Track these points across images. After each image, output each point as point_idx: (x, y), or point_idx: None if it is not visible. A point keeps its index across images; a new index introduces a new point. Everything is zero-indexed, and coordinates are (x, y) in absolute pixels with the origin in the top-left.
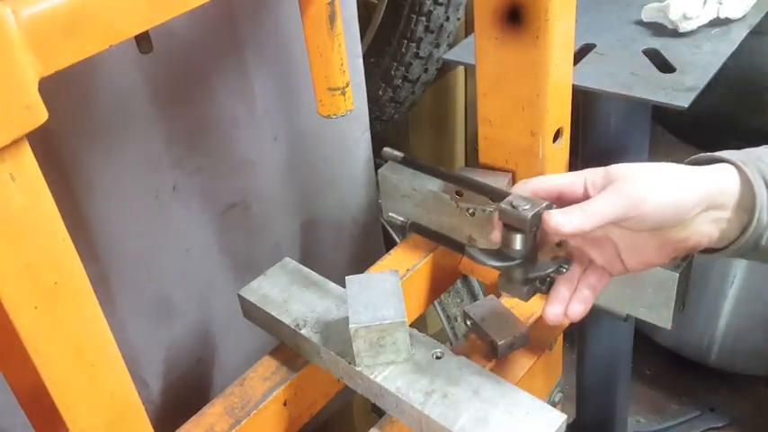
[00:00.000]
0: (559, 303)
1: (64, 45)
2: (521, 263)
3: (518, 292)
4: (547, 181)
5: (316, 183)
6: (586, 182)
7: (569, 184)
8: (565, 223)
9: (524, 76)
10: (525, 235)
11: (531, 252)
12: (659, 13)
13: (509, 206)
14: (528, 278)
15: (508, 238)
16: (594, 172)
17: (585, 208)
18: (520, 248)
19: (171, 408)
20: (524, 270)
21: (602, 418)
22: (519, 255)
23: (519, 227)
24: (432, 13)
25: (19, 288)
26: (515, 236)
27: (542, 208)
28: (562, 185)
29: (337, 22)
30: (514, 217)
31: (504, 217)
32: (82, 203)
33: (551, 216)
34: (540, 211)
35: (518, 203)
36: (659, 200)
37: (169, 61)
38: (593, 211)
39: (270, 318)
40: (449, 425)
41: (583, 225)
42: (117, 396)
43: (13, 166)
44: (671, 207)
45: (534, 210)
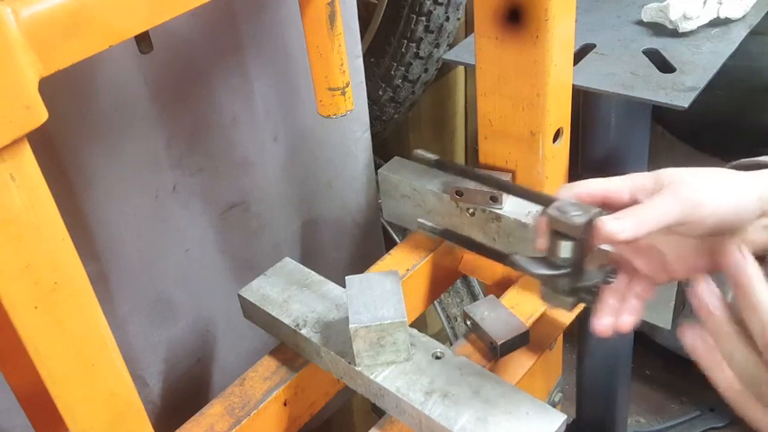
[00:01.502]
0: (609, 314)
1: (64, 45)
2: (567, 272)
3: (562, 302)
4: (591, 185)
5: (316, 183)
6: (634, 187)
7: (615, 189)
8: (619, 230)
9: (524, 76)
10: (575, 243)
11: (580, 261)
12: (659, 13)
13: (558, 212)
14: (574, 288)
15: (556, 245)
16: (642, 176)
17: (640, 213)
18: (568, 257)
19: (171, 408)
20: (571, 280)
21: (602, 418)
22: (567, 263)
23: (569, 234)
24: (432, 13)
25: (19, 288)
26: (564, 243)
27: (594, 214)
28: (608, 190)
29: (337, 22)
30: (565, 223)
31: (553, 223)
32: (82, 203)
33: (605, 223)
34: (592, 218)
35: (567, 209)
36: (717, 204)
37: (169, 61)
38: (649, 217)
39: (270, 318)
40: (449, 425)
41: (638, 231)
42: (117, 396)
43: (13, 166)
44: (729, 212)
45: (586, 216)
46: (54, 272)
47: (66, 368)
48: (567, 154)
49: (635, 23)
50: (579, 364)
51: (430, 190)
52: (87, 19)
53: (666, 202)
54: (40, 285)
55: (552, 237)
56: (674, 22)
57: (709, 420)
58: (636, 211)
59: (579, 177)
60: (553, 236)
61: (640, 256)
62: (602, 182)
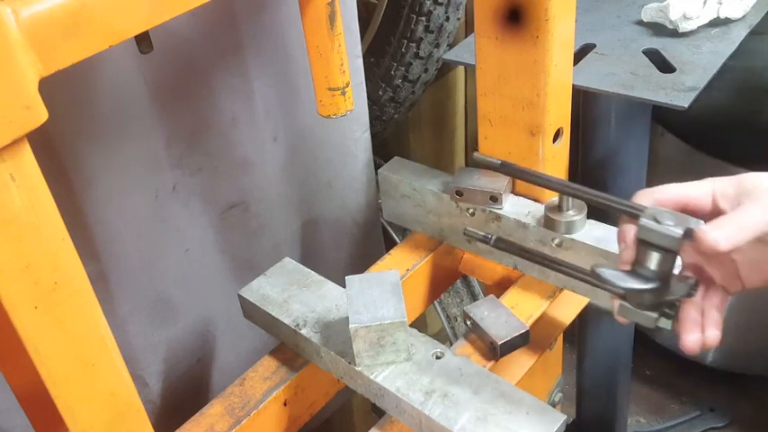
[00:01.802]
0: (696, 329)
1: (64, 45)
2: (658, 286)
3: (645, 318)
4: (672, 191)
5: (316, 183)
6: (715, 193)
7: (696, 196)
8: (722, 239)
9: (524, 76)
10: (667, 254)
11: (668, 273)
12: (659, 13)
13: (653, 221)
14: (658, 303)
15: (645, 257)
16: (723, 181)
17: (739, 221)
18: (658, 269)
19: (171, 408)
20: (658, 294)
21: (602, 418)
22: (657, 276)
23: (666, 245)
24: (432, 13)
25: (19, 288)
26: (655, 255)
27: (691, 223)
28: (689, 197)
29: (337, 22)
30: (662, 234)
31: (647, 234)
32: (82, 203)
33: (706, 233)
34: (690, 228)
35: (662, 218)
36: None
37: (169, 61)
38: (749, 224)
39: (270, 318)
40: (449, 425)
41: (739, 239)
42: (117, 396)
43: (13, 166)
44: None
45: (683, 226)
46: (54, 272)
47: (67, 368)
48: (566, 154)
49: (635, 23)
50: (579, 364)
51: (430, 190)
52: (87, 19)
53: (763, 209)
54: (40, 285)
55: (642, 248)
56: (674, 22)
57: (709, 420)
58: (734, 219)
59: (579, 177)
60: (644, 247)
61: (715, 266)
62: (683, 187)
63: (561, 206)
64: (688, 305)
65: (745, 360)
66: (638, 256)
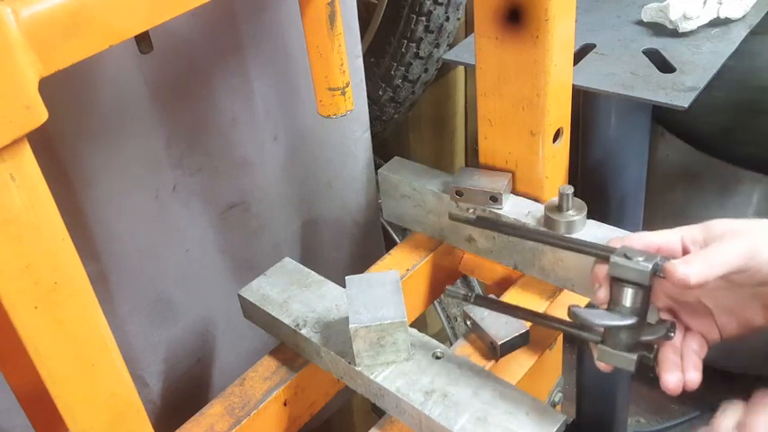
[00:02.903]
0: (676, 369)
1: (64, 45)
2: (634, 322)
3: (623, 360)
4: (642, 239)
5: (316, 183)
6: (684, 239)
7: (666, 243)
8: (691, 273)
9: (524, 76)
10: (641, 290)
11: (645, 310)
12: (659, 13)
13: (623, 258)
14: (636, 343)
15: (619, 293)
16: (692, 228)
17: (708, 257)
18: (632, 305)
19: (171, 408)
20: (634, 333)
21: (602, 418)
22: (633, 312)
23: (636, 280)
24: (432, 13)
25: (19, 288)
26: (629, 291)
27: (659, 260)
28: (659, 244)
29: (337, 22)
30: (632, 269)
31: (618, 270)
32: (82, 203)
33: (676, 267)
34: (660, 263)
35: (632, 255)
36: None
37: (169, 61)
38: (718, 260)
39: (270, 318)
40: (449, 425)
41: (707, 275)
42: (117, 396)
43: (13, 166)
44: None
45: (652, 261)
46: (54, 272)
47: (67, 368)
48: (567, 154)
49: (635, 23)
50: (579, 364)
51: (430, 190)
52: (87, 19)
53: (729, 247)
54: (40, 285)
55: (616, 285)
56: (674, 22)
57: (710, 420)
58: (702, 256)
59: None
60: (617, 284)
61: (689, 313)
62: (653, 235)
63: (561, 206)
64: (667, 347)
65: (745, 360)
66: (613, 294)
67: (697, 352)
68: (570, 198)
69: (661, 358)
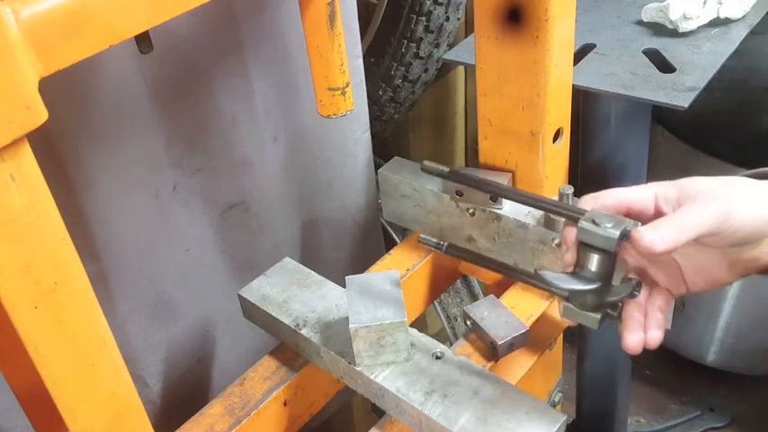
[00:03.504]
0: (639, 329)
1: (64, 45)
2: (598, 287)
3: (589, 319)
4: (615, 195)
5: (316, 183)
6: (657, 197)
7: (638, 200)
8: (657, 241)
9: (524, 76)
10: (606, 256)
11: (609, 274)
12: (659, 13)
13: (591, 224)
14: (601, 304)
15: (586, 258)
16: (664, 186)
17: (677, 223)
18: (598, 270)
19: (171, 408)
20: (599, 295)
21: (602, 419)
22: (597, 277)
23: (603, 247)
24: (432, 13)
25: (19, 288)
26: (595, 256)
27: (628, 225)
28: (632, 201)
29: (337, 22)
30: (599, 236)
31: (585, 236)
32: (82, 203)
33: (643, 234)
34: (628, 229)
35: (600, 221)
36: (749, 215)
37: (169, 61)
38: (687, 226)
39: (270, 318)
40: (449, 425)
41: (676, 241)
42: (117, 396)
43: (13, 166)
44: (758, 222)
45: (620, 227)
46: (54, 272)
47: (67, 368)
48: (566, 154)
49: (635, 23)
50: (579, 364)
51: (430, 190)
52: (87, 19)
53: (701, 211)
54: (40, 285)
55: (583, 250)
56: (674, 22)
57: (709, 420)
58: (672, 221)
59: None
60: (584, 249)
61: (659, 269)
62: (626, 191)
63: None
64: (631, 306)
65: (745, 360)
66: (579, 258)
67: (662, 307)
68: (570, 198)
69: (625, 317)
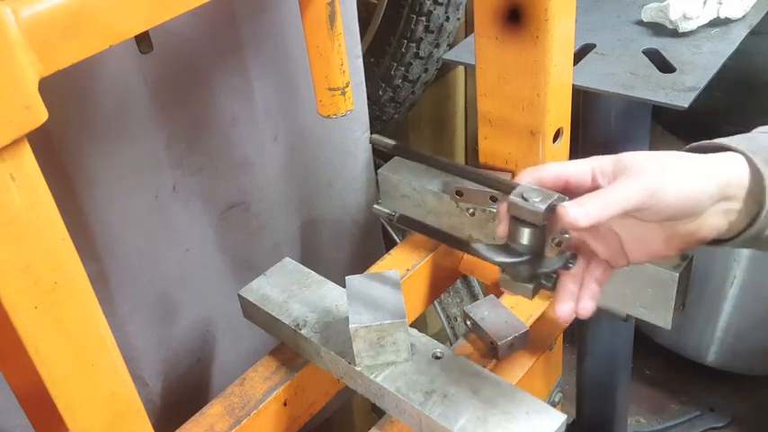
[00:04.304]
0: (570, 300)
1: (64, 45)
2: (528, 259)
3: (523, 290)
4: (553, 169)
5: (316, 183)
6: (594, 171)
7: (576, 173)
8: (581, 216)
9: (524, 76)
10: (535, 229)
11: (540, 247)
12: (659, 13)
13: (519, 198)
14: (534, 275)
15: (516, 232)
16: (602, 160)
17: (601, 198)
18: (529, 243)
19: (171, 408)
20: (531, 266)
21: (602, 418)
22: (528, 250)
23: (531, 220)
24: (432, 13)
25: (19, 288)
26: (525, 230)
27: (555, 200)
28: (569, 174)
29: (337, 22)
30: (526, 210)
31: (515, 210)
32: (82, 203)
33: (567, 209)
34: (553, 204)
35: (528, 195)
36: (678, 190)
37: (169, 61)
38: (611, 202)
39: (270, 318)
40: (449, 425)
41: (600, 216)
42: (117, 396)
43: (13, 166)
44: (690, 198)
45: (547, 202)
46: (54, 272)
47: (67, 368)
48: (567, 154)
49: (635, 23)
50: (579, 364)
51: (430, 190)
52: (87, 19)
53: (628, 187)
54: (40, 285)
55: (513, 223)
56: (674, 22)
57: (709, 420)
58: (597, 197)
59: None
60: (514, 222)
61: (598, 241)
62: (563, 166)
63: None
64: (566, 277)
65: (745, 360)
66: (511, 231)
67: (598, 279)
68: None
69: (559, 288)
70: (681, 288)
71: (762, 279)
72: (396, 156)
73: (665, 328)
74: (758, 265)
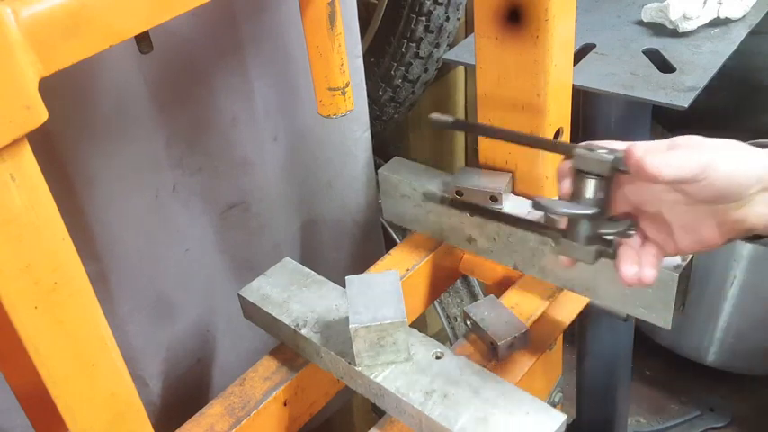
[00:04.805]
0: (634, 263)
1: (64, 45)
2: (594, 213)
3: (583, 253)
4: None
5: (316, 183)
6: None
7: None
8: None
9: (524, 76)
10: (602, 181)
11: (606, 202)
12: (659, 13)
13: (587, 150)
14: (595, 235)
15: (582, 185)
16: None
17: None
18: (594, 197)
19: (171, 408)
20: (594, 225)
21: (602, 418)
22: (593, 203)
23: (598, 171)
24: (432, 13)
25: (19, 288)
26: (591, 182)
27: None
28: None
29: (337, 22)
30: (594, 160)
31: (581, 162)
32: (82, 203)
33: (636, 148)
34: (620, 155)
35: (595, 148)
36: (728, 168)
37: (169, 61)
38: (673, 162)
39: (270, 318)
40: (449, 425)
41: (662, 169)
42: (117, 396)
43: (13, 166)
44: (737, 177)
45: (614, 153)
46: (54, 272)
47: (67, 368)
48: None
49: (635, 23)
50: (579, 364)
51: (430, 190)
52: (87, 19)
53: (688, 155)
54: (40, 285)
55: (578, 177)
56: (674, 22)
57: (710, 420)
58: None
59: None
60: (579, 176)
61: (649, 224)
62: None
63: None
64: (626, 246)
65: (745, 360)
66: (575, 187)
67: (655, 255)
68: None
69: (620, 253)
70: (681, 288)
71: (762, 279)
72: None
73: (665, 328)
74: (758, 265)
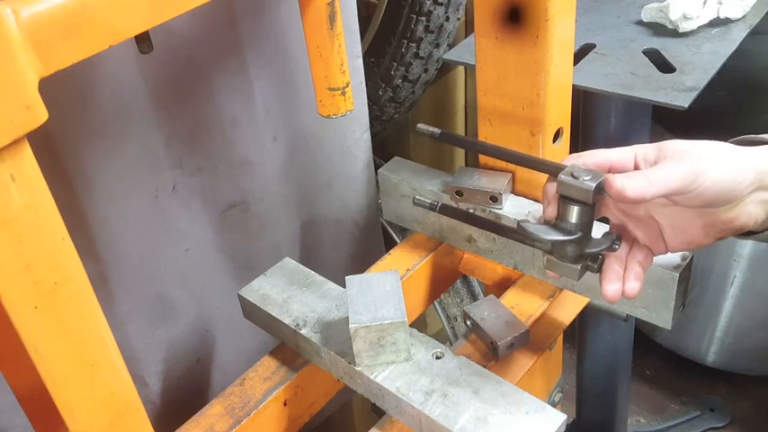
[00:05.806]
0: (617, 280)
1: (64, 45)
2: (578, 237)
3: (569, 270)
4: (597, 155)
5: (316, 183)
6: (637, 157)
7: (620, 159)
8: (629, 187)
9: (524, 75)
10: (585, 207)
11: (589, 226)
12: (659, 13)
13: (570, 177)
14: (581, 255)
15: (566, 210)
16: (645, 147)
17: (648, 175)
18: (578, 222)
19: (171, 408)
20: (579, 246)
21: (602, 418)
22: (577, 228)
23: (581, 198)
24: (432, 13)
25: (19, 288)
26: (574, 208)
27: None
28: (613, 161)
29: (337, 22)
30: (577, 188)
31: (565, 189)
32: (82, 203)
33: (615, 179)
34: (603, 182)
35: (578, 174)
36: (718, 175)
37: (169, 61)
38: (657, 179)
39: (270, 318)
40: (449, 425)
41: (646, 191)
42: (117, 396)
43: (13, 166)
44: (728, 184)
45: (597, 180)
46: (54, 272)
47: (67, 368)
48: (567, 154)
49: (635, 23)
50: (579, 364)
51: (430, 190)
52: (87, 19)
53: (672, 168)
54: (40, 285)
55: (563, 202)
56: (674, 22)
57: (710, 420)
58: (644, 174)
59: None
60: (564, 201)
61: (638, 226)
62: (608, 152)
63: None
64: (611, 259)
65: (745, 360)
66: (560, 211)
67: (641, 262)
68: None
69: (604, 269)
70: (681, 288)
71: (762, 279)
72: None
73: (665, 328)
74: (758, 264)
